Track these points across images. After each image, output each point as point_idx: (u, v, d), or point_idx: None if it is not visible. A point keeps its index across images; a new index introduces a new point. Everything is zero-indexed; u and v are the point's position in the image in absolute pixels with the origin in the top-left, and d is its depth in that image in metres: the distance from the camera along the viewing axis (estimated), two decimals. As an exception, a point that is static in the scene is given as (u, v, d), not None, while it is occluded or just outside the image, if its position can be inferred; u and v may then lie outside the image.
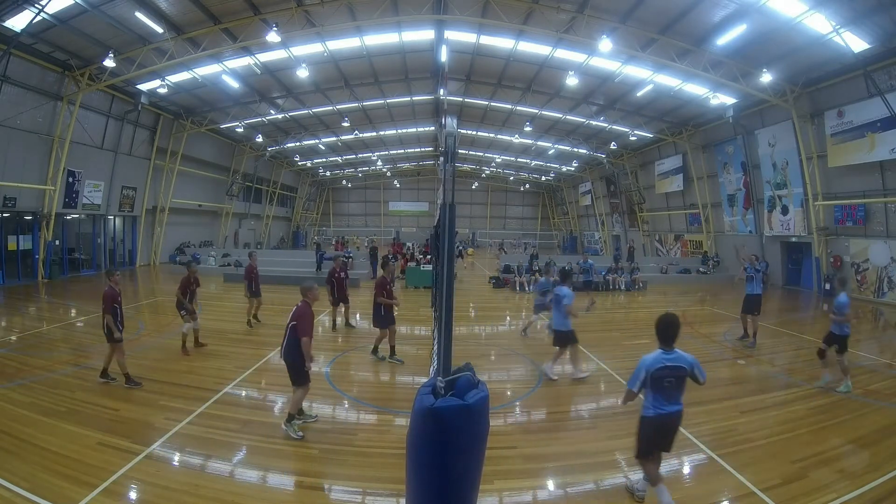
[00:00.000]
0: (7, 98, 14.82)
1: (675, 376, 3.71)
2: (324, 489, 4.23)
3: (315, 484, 4.30)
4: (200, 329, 8.55)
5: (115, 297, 6.43)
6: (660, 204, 29.88)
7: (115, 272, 6.79)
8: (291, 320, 5.12)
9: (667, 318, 3.79)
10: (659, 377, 3.67)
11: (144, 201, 22.76)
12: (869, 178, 15.56)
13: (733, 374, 7.80)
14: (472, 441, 2.49)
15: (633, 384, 3.72)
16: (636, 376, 3.71)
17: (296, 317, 5.11)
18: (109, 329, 6.31)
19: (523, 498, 4.16)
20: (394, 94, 23.97)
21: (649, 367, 3.67)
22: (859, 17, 12.19)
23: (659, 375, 3.66)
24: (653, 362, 3.68)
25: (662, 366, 3.68)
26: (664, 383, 3.69)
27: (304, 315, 5.12)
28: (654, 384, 3.68)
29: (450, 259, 3.16)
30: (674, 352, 3.74)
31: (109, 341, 6.40)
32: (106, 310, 6.30)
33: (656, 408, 3.70)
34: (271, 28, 13.88)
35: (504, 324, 11.87)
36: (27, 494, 3.78)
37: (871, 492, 4.09)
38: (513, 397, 6.60)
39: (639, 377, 3.69)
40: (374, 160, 40.86)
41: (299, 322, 5.06)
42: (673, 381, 3.71)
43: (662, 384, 3.69)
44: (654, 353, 3.74)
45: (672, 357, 3.71)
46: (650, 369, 3.66)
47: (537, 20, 14.92)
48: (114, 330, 6.30)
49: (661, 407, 3.70)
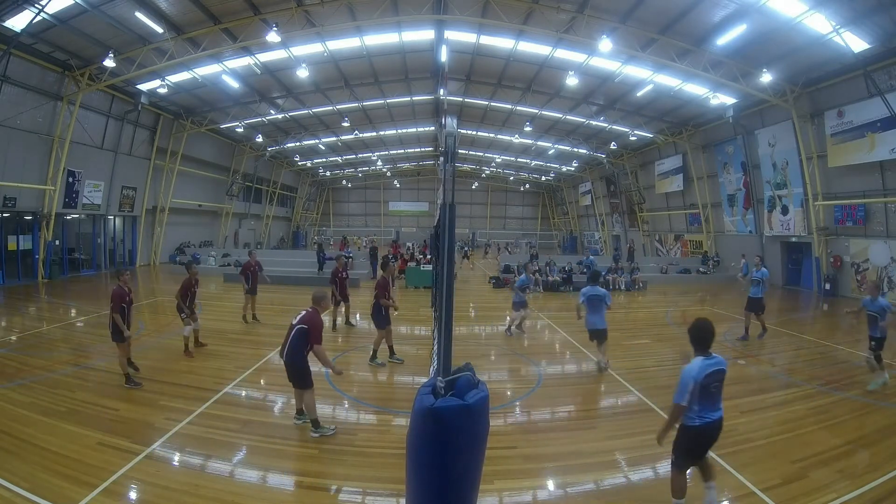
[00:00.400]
0: (7, 98, 14.83)
1: (720, 380, 3.64)
2: (324, 489, 4.22)
3: (315, 484, 4.30)
4: (201, 329, 8.55)
5: (124, 297, 6.42)
6: (660, 204, 29.88)
7: (124, 272, 6.79)
8: (300, 324, 5.07)
9: (704, 325, 3.70)
10: (707, 384, 3.54)
11: (144, 201, 22.76)
12: (869, 178, 15.57)
13: (733, 374, 7.72)
14: (472, 441, 2.49)
15: (682, 398, 3.51)
16: (684, 388, 3.51)
17: (307, 322, 5.06)
18: (118, 327, 6.30)
19: (523, 498, 4.15)
20: (394, 94, 23.97)
21: (697, 376, 3.51)
22: (859, 17, 12.19)
23: (707, 382, 3.54)
24: (700, 370, 3.54)
25: (710, 371, 3.55)
26: (711, 389, 3.58)
27: (316, 323, 5.10)
28: (702, 392, 3.54)
29: (450, 259, 3.16)
30: (713, 356, 3.65)
31: (115, 340, 6.39)
32: (114, 308, 6.31)
33: (702, 416, 3.57)
34: (271, 28, 13.89)
35: (504, 324, 11.87)
36: (27, 494, 3.78)
37: (871, 492, 4.08)
38: (513, 397, 6.60)
39: (687, 389, 3.50)
40: (374, 160, 40.87)
41: (313, 330, 5.03)
42: (718, 385, 3.63)
43: (710, 390, 3.58)
44: (696, 362, 3.59)
45: (714, 361, 3.62)
46: (698, 378, 3.51)
47: (537, 20, 14.92)
48: (122, 329, 6.31)
49: (707, 414, 3.58)
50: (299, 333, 5.04)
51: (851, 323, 10.55)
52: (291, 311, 11.26)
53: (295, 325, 5.11)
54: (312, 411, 5.19)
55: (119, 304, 6.33)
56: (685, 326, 3.92)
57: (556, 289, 17.52)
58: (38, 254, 16.83)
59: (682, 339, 3.91)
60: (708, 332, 3.68)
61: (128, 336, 6.39)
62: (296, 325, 5.10)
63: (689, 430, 3.61)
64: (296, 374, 5.13)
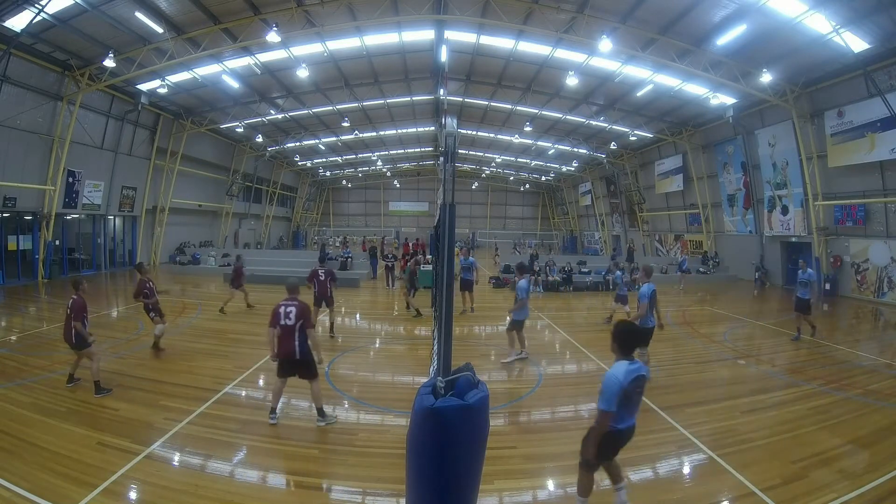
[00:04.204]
0: (7, 98, 14.82)
1: (642, 386, 3.50)
2: (324, 489, 4.22)
3: (315, 484, 4.30)
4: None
5: (85, 307, 6.34)
6: (660, 204, 29.88)
7: (82, 282, 6.63)
8: (299, 319, 5.26)
9: (629, 327, 3.60)
10: (630, 390, 3.36)
11: (144, 201, 22.76)
12: (869, 178, 15.57)
13: (733, 374, 7.80)
14: (472, 441, 2.50)
15: (611, 404, 3.29)
16: (611, 394, 3.29)
17: (302, 314, 5.30)
18: (81, 335, 6.17)
19: (523, 498, 4.15)
20: (394, 94, 23.96)
21: (623, 382, 3.31)
22: (859, 17, 12.19)
23: (631, 389, 3.36)
24: (626, 375, 3.34)
25: (634, 377, 3.37)
26: (633, 396, 3.44)
27: (307, 309, 5.42)
28: (625, 398, 3.35)
29: (450, 259, 3.16)
30: (635, 361, 3.47)
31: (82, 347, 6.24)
32: (76, 318, 6.14)
33: (621, 422, 3.42)
34: (271, 28, 13.88)
35: (504, 324, 11.86)
36: (27, 494, 3.78)
37: (871, 492, 4.08)
38: (513, 397, 6.60)
39: (615, 394, 3.29)
40: (374, 160, 40.87)
41: (308, 316, 5.36)
42: (640, 392, 3.51)
43: (632, 398, 3.43)
44: (621, 367, 3.39)
45: (637, 367, 3.43)
46: (624, 383, 3.31)
47: (537, 20, 14.91)
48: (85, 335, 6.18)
49: (624, 421, 3.45)
50: (302, 329, 5.27)
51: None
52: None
53: (294, 324, 5.25)
54: (320, 400, 5.42)
55: (81, 314, 6.20)
56: (685, 326, 3.91)
57: (556, 289, 17.51)
58: (38, 254, 16.82)
59: (683, 338, 3.90)
60: (633, 336, 3.58)
61: (92, 340, 6.27)
62: (296, 324, 5.25)
63: (606, 435, 3.43)
64: (311, 368, 5.36)
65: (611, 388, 3.31)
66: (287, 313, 5.27)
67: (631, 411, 3.48)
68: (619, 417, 3.38)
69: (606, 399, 3.31)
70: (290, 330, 5.24)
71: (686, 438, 5.16)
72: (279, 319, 5.27)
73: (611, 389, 3.31)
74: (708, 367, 8.20)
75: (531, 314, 12.83)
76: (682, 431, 5.33)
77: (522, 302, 8.05)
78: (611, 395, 3.30)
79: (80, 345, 6.24)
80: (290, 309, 5.30)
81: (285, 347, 5.27)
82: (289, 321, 5.24)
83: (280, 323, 5.26)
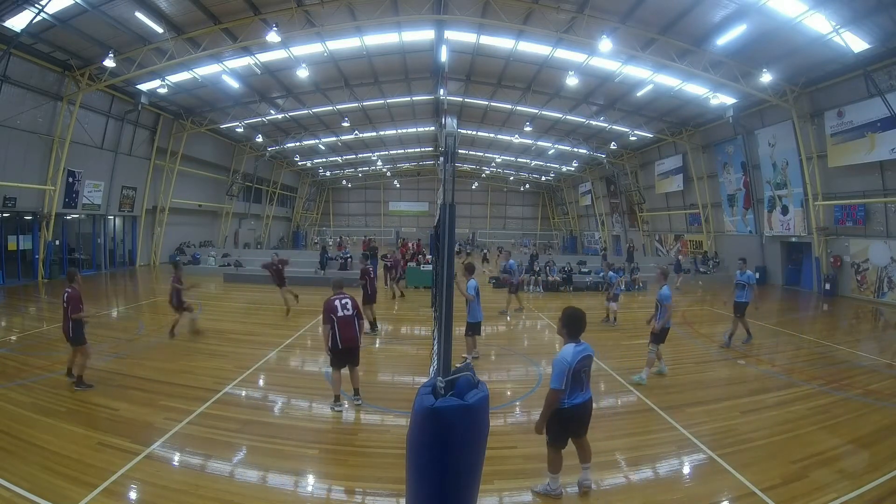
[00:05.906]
0: (7, 98, 14.81)
1: (588, 365, 3.90)
2: (324, 489, 4.22)
3: (315, 484, 4.30)
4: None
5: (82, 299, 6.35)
6: (660, 204, 29.88)
7: (76, 274, 6.60)
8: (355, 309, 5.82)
9: (575, 312, 3.90)
10: (578, 369, 3.76)
11: (144, 201, 22.76)
12: (869, 178, 15.56)
13: (733, 374, 7.80)
14: (473, 441, 2.50)
15: (560, 383, 3.69)
16: (560, 374, 3.69)
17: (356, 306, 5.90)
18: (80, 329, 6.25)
19: (523, 498, 4.15)
20: (394, 94, 23.95)
21: (571, 362, 3.71)
22: (859, 17, 12.18)
23: (578, 368, 3.76)
24: (573, 356, 3.75)
25: (581, 357, 3.78)
26: (581, 374, 3.82)
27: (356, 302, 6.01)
28: (574, 377, 3.75)
29: (450, 259, 3.16)
30: (581, 342, 3.88)
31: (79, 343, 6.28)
32: (74, 310, 6.16)
33: (571, 400, 3.79)
34: (271, 28, 13.88)
35: (504, 324, 11.87)
36: (27, 494, 3.78)
37: (871, 492, 4.08)
38: (513, 397, 6.60)
39: (563, 374, 3.69)
40: (374, 160, 40.85)
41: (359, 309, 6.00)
42: (587, 371, 3.89)
43: (580, 375, 3.81)
44: (568, 348, 3.80)
45: (583, 347, 3.86)
46: (572, 363, 3.71)
47: (537, 20, 14.91)
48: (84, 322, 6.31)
49: (577, 398, 3.82)
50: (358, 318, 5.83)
51: None
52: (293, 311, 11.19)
53: (353, 313, 5.74)
54: (339, 386, 5.81)
55: (78, 305, 6.21)
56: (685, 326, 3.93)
57: (556, 289, 17.51)
58: (38, 254, 16.83)
59: (683, 339, 3.91)
60: (579, 320, 3.88)
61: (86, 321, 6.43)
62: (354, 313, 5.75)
63: (560, 412, 3.80)
64: (358, 354, 5.87)
65: (560, 368, 3.71)
66: (344, 305, 5.71)
67: (581, 387, 3.87)
68: (570, 393, 3.77)
69: (556, 378, 3.71)
70: (350, 319, 5.69)
71: (686, 438, 5.15)
72: (337, 312, 5.64)
73: (560, 369, 3.71)
74: (708, 366, 8.19)
75: (531, 314, 12.90)
76: (682, 431, 5.33)
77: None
78: (559, 373, 3.70)
79: (77, 339, 6.27)
80: (346, 301, 5.76)
81: (349, 335, 5.66)
82: (347, 311, 5.69)
83: (339, 315, 5.63)
